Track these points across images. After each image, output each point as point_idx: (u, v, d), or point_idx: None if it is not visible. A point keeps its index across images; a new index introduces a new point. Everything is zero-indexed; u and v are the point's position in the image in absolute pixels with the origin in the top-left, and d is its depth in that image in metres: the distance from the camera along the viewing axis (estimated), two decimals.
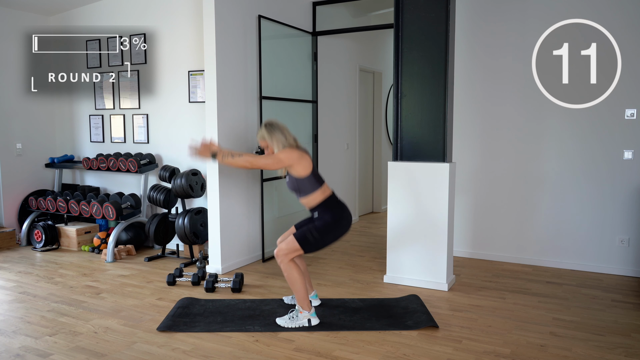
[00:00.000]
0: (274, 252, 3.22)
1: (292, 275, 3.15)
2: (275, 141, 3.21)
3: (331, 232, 3.20)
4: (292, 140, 3.25)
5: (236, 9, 4.41)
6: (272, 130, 3.23)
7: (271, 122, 3.28)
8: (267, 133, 3.23)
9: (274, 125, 3.26)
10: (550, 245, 4.54)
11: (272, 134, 3.22)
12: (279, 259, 3.18)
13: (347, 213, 3.28)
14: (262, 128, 3.27)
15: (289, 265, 3.15)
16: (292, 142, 3.23)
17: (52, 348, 2.93)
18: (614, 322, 3.26)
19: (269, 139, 3.22)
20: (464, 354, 2.81)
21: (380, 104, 7.56)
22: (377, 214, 7.51)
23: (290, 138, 3.25)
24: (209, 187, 4.40)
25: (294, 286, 3.16)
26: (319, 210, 3.21)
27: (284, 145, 3.20)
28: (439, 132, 3.88)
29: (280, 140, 3.21)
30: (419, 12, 3.87)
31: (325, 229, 3.16)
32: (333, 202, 3.24)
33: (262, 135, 3.26)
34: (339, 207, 3.25)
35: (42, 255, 5.14)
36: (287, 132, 3.25)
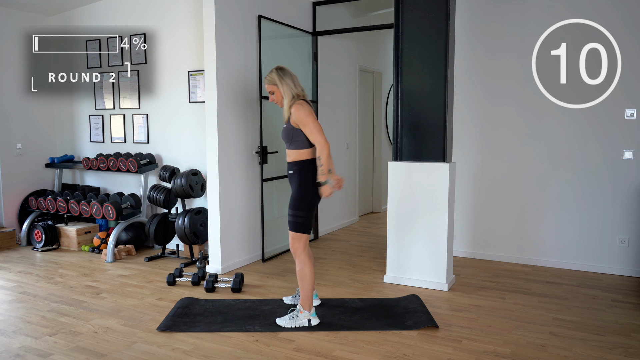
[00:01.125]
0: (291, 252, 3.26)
1: (304, 272, 3.16)
2: (285, 87, 3.16)
3: (308, 201, 3.14)
4: (300, 89, 3.20)
5: (236, 9, 4.41)
6: (283, 75, 3.18)
7: (282, 67, 3.23)
8: (277, 77, 3.18)
9: (286, 70, 3.21)
10: (550, 245, 4.55)
11: (283, 79, 3.17)
12: (294, 255, 3.20)
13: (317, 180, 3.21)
14: (273, 72, 3.21)
15: (304, 261, 3.17)
16: (300, 92, 3.19)
17: (52, 348, 2.93)
18: (614, 322, 3.26)
19: (279, 83, 3.17)
20: (464, 354, 2.81)
21: (380, 104, 7.56)
22: (377, 214, 7.51)
23: (299, 87, 3.20)
24: (209, 187, 4.40)
25: (303, 282, 3.17)
26: (295, 169, 3.16)
27: (292, 93, 3.16)
28: (439, 132, 3.88)
29: (290, 86, 3.16)
30: (419, 12, 3.87)
31: (300, 202, 3.13)
32: (311, 166, 3.16)
33: (271, 78, 3.20)
34: (312, 173, 3.15)
35: (42, 255, 5.14)
36: (296, 80, 3.21)
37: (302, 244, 3.17)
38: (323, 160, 3.08)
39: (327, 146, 3.09)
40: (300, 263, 3.17)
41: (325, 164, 3.09)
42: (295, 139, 3.16)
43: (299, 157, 3.17)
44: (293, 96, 3.16)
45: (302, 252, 3.17)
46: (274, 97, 3.25)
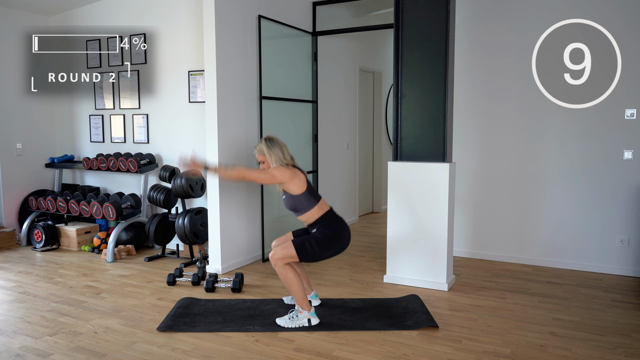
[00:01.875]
0: (269, 255, 3.22)
1: (288, 277, 3.16)
2: (273, 157, 3.24)
3: (330, 247, 3.21)
4: (289, 158, 3.28)
5: (236, 9, 4.41)
6: (271, 145, 3.26)
7: (271, 138, 3.31)
8: (266, 148, 3.25)
9: (274, 141, 3.29)
10: (550, 245, 4.55)
11: (271, 150, 3.24)
12: (273, 262, 3.18)
13: (346, 228, 3.28)
14: (262, 142, 3.29)
15: (284, 268, 3.16)
16: (289, 161, 3.27)
17: (52, 348, 2.93)
18: (614, 322, 3.26)
19: (267, 154, 3.25)
20: (464, 354, 2.81)
21: (380, 104, 7.56)
22: (377, 214, 7.51)
23: (288, 156, 3.28)
24: (209, 187, 4.40)
25: (291, 287, 3.17)
26: (317, 227, 3.24)
27: (281, 163, 3.23)
28: (439, 132, 3.88)
29: (278, 156, 3.24)
30: (419, 12, 3.88)
31: (324, 241, 3.18)
32: (331, 218, 3.26)
33: (260, 149, 3.28)
34: (337, 223, 3.26)
35: (42, 255, 5.14)
36: (285, 150, 3.28)
37: (286, 259, 3.15)
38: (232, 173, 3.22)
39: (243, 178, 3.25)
40: (282, 271, 3.16)
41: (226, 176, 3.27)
42: (299, 206, 3.22)
43: (313, 218, 3.24)
44: (281, 165, 3.23)
45: (280, 262, 3.15)
46: (264, 166, 3.31)
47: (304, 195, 3.20)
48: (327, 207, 3.29)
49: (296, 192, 3.19)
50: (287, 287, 3.19)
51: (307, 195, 3.21)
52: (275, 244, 3.41)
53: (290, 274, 3.15)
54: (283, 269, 3.15)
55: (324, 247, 3.18)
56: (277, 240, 3.44)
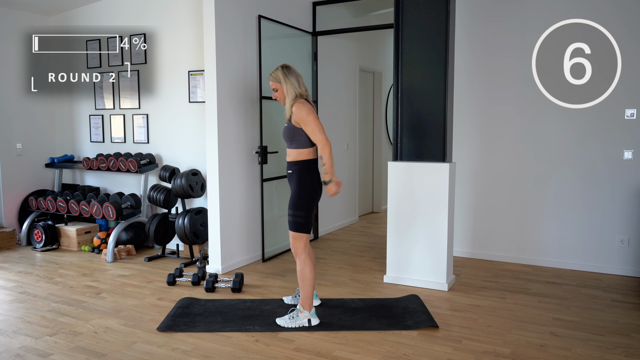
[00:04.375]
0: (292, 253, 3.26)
1: (305, 273, 3.16)
2: (289, 85, 3.16)
3: (307, 200, 3.15)
4: (304, 89, 3.20)
5: (236, 9, 4.41)
6: (288, 73, 3.17)
7: (288, 66, 3.22)
8: (282, 75, 3.17)
9: (291, 69, 3.21)
10: (550, 245, 4.55)
11: (287, 78, 3.16)
12: (295, 255, 3.20)
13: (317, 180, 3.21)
14: (279, 69, 3.20)
15: (305, 261, 3.16)
16: (303, 92, 3.19)
17: (52, 348, 2.93)
18: (614, 322, 3.26)
19: (283, 82, 3.17)
20: (464, 354, 2.81)
21: (380, 104, 7.56)
22: (377, 214, 7.51)
23: (303, 87, 3.20)
24: (209, 187, 4.40)
25: (303, 282, 3.17)
26: (294, 169, 3.17)
27: (295, 92, 3.15)
28: (439, 132, 3.88)
29: (294, 85, 3.16)
30: (419, 12, 3.88)
31: (300, 202, 3.14)
32: (312, 166, 3.18)
33: (276, 76, 3.20)
34: (310, 174, 3.17)
35: (42, 255, 5.14)
36: (301, 80, 3.20)
37: (302, 243, 3.17)
38: (326, 159, 3.09)
39: (329, 145, 3.09)
40: (301, 263, 3.18)
41: (329, 163, 3.09)
42: (296, 138, 3.17)
43: (299, 157, 3.17)
44: (296, 95, 3.16)
45: (302, 252, 3.17)
46: (277, 95, 3.25)
47: (306, 134, 3.14)
48: (315, 156, 3.21)
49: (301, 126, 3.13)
50: (300, 280, 3.18)
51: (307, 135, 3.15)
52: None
53: (308, 269, 3.16)
54: (304, 262, 3.16)
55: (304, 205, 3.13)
56: None
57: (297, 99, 3.15)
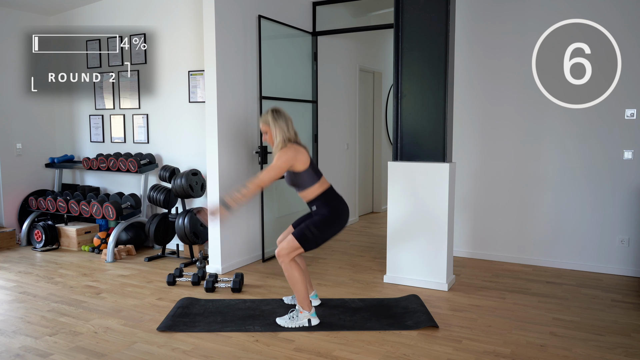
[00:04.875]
0: (275, 252, 3.22)
1: (293, 275, 3.15)
2: (277, 129, 3.19)
3: (329, 227, 3.20)
4: (292, 134, 3.23)
5: (236, 9, 4.41)
6: (277, 117, 3.21)
7: (278, 110, 3.26)
8: (272, 119, 3.21)
9: (281, 113, 3.24)
10: (550, 245, 4.54)
11: (277, 122, 3.20)
12: (280, 259, 3.17)
13: (344, 206, 3.27)
14: (268, 113, 3.24)
15: (290, 265, 3.15)
16: (292, 136, 3.22)
17: (52, 348, 2.93)
18: (614, 322, 3.26)
19: (272, 126, 3.20)
20: (464, 354, 2.81)
21: (380, 104, 7.56)
22: (377, 214, 7.51)
23: (292, 131, 3.24)
24: (209, 187, 4.40)
25: (294, 286, 3.16)
26: (316, 204, 3.21)
27: (284, 137, 3.18)
28: (439, 132, 3.88)
29: (283, 129, 3.19)
30: (419, 12, 3.87)
31: (322, 224, 3.17)
32: (331, 196, 3.24)
33: (266, 119, 3.24)
34: (336, 200, 3.25)
35: (42, 255, 5.14)
36: (290, 124, 3.24)
37: (293, 252, 3.15)
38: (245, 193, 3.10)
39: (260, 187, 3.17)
40: (287, 268, 3.16)
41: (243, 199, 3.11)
42: (300, 182, 3.21)
43: (313, 195, 3.21)
44: (284, 139, 3.19)
45: (286, 258, 3.15)
46: (266, 137, 3.29)
47: (305, 173, 3.17)
48: (327, 184, 3.26)
49: (299, 169, 3.17)
50: (291, 285, 3.18)
51: (309, 172, 3.18)
52: (279, 239, 3.41)
53: (296, 272, 3.15)
54: (289, 265, 3.15)
55: (324, 229, 3.17)
56: (281, 236, 3.44)
57: (285, 142, 3.19)
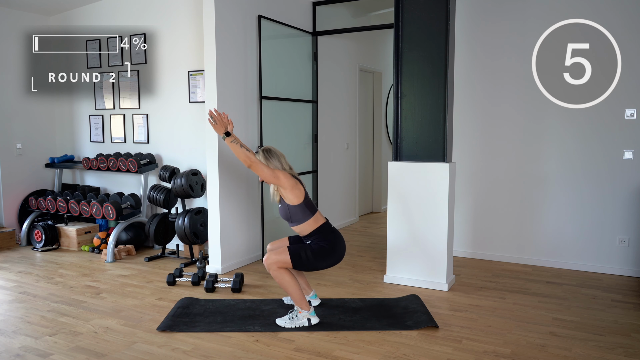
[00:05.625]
0: (263, 259, 3.23)
1: (284, 279, 3.17)
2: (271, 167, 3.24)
3: (325, 258, 3.22)
4: (287, 167, 3.30)
5: (236, 9, 4.41)
6: (269, 156, 3.27)
7: (269, 149, 3.33)
8: (264, 159, 3.26)
9: (272, 152, 3.31)
10: (550, 245, 4.54)
11: (269, 161, 3.26)
12: (267, 266, 3.20)
13: (341, 241, 3.30)
14: (260, 154, 3.30)
15: (279, 271, 3.17)
16: (287, 170, 3.28)
17: (52, 348, 2.93)
18: (614, 322, 3.26)
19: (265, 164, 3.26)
20: (464, 354, 2.81)
21: (380, 104, 7.56)
22: (377, 214, 7.51)
23: (287, 166, 3.31)
24: (209, 187, 4.40)
25: (287, 289, 3.18)
26: (312, 239, 3.25)
27: None
28: (439, 132, 3.88)
29: (277, 167, 3.26)
30: (419, 12, 3.88)
31: (320, 252, 3.20)
32: (327, 230, 3.27)
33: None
34: (332, 235, 3.27)
35: (42, 255, 5.14)
36: (284, 160, 3.31)
37: (280, 264, 3.16)
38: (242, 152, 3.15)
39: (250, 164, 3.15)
40: (277, 274, 3.17)
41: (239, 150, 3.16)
42: (294, 217, 3.24)
43: (308, 230, 3.25)
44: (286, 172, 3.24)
45: (275, 266, 3.16)
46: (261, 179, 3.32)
47: (300, 207, 3.22)
48: (322, 219, 3.29)
49: (293, 203, 3.21)
50: (284, 289, 3.19)
51: (303, 207, 3.23)
52: (270, 247, 3.43)
53: (286, 276, 3.16)
54: (277, 272, 3.17)
55: (319, 258, 3.20)
56: (272, 244, 3.45)
57: None
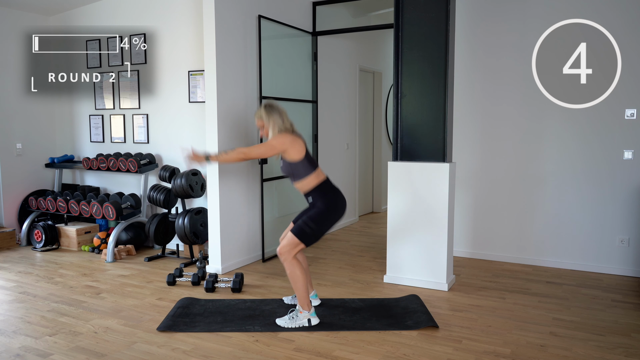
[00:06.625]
0: (277, 250, 3.22)
1: (295, 274, 3.16)
2: (272, 122, 3.22)
3: (326, 220, 3.19)
4: (288, 124, 3.26)
5: (236, 9, 4.41)
6: (271, 111, 3.24)
7: (271, 104, 3.29)
8: (265, 113, 3.24)
9: (274, 107, 3.27)
10: (550, 245, 4.54)
11: (270, 115, 3.22)
12: (282, 257, 3.18)
13: (341, 198, 3.27)
14: (262, 108, 3.27)
15: (293, 263, 3.15)
16: (288, 127, 3.24)
17: (52, 348, 2.93)
18: (614, 322, 3.26)
19: (266, 120, 3.23)
20: (464, 354, 2.81)
21: (380, 104, 7.56)
22: (377, 214, 7.51)
23: (287, 122, 3.26)
24: (209, 187, 4.40)
25: (295, 284, 3.17)
26: (313, 195, 3.21)
27: (280, 128, 3.21)
28: (439, 132, 3.88)
29: (277, 122, 3.21)
30: (419, 12, 3.87)
31: (320, 217, 3.17)
32: (327, 187, 3.24)
33: (260, 114, 3.27)
34: (332, 192, 3.24)
35: (42, 255, 5.14)
36: (285, 116, 3.26)
37: (294, 250, 3.16)
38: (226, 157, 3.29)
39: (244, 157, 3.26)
40: (290, 266, 3.16)
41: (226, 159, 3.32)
42: (294, 171, 3.21)
43: (310, 185, 3.21)
44: (280, 130, 3.22)
45: (289, 256, 3.16)
46: (263, 132, 3.31)
47: (301, 163, 3.18)
48: (323, 175, 3.26)
49: (294, 159, 3.17)
50: (292, 283, 3.18)
51: (305, 162, 3.19)
52: (281, 237, 3.42)
53: (298, 270, 3.15)
54: (291, 264, 3.15)
55: (321, 222, 3.18)
56: (283, 234, 3.43)
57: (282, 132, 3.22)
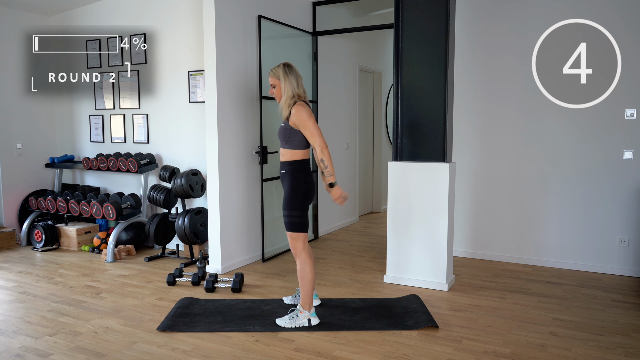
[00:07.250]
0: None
1: (305, 272, 3.17)
2: (287, 84, 3.15)
3: (296, 199, 3.15)
4: (302, 90, 3.20)
5: (236, 9, 4.41)
6: (289, 72, 3.17)
7: (290, 65, 3.21)
8: (283, 73, 3.16)
9: (292, 68, 3.20)
10: (550, 245, 4.55)
11: (287, 77, 3.15)
12: (295, 255, 3.20)
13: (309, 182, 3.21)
14: (280, 67, 3.19)
15: (305, 261, 3.17)
16: (301, 93, 3.18)
17: (52, 348, 2.93)
18: (614, 322, 3.26)
19: (282, 79, 3.16)
20: (464, 354, 2.81)
21: (380, 104, 7.56)
22: (377, 214, 7.51)
23: (301, 89, 3.20)
24: (209, 187, 4.40)
25: (303, 282, 3.17)
26: (287, 169, 3.18)
27: (293, 92, 3.15)
28: (439, 132, 3.88)
29: (292, 85, 3.15)
30: (419, 12, 3.88)
31: (290, 203, 3.15)
32: (302, 167, 3.18)
33: (276, 72, 3.19)
34: (303, 174, 3.18)
35: (42, 255, 5.14)
36: (300, 81, 3.20)
37: (301, 243, 3.18)
38: (327, 161, 3.11)
39: (328, 148, 3.13)
40: (301, 263, 3.18)
41: (331, 165, 3.13)
42: (291, 139, 3.17)
43: (293, 157, 3.18)
44: (293, 95, 3.15)
45: (302, 251, 3.18)
46: (274, 91, 3.24)
47: (302, 135, 3.13)
48: (307, 156, 3.23)
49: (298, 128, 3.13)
50: (301, 280, 3.19)
51: (304, 136, 3.14)
52: None
53: (308, 268, 3.17)
54: (303, 261, 3.17)
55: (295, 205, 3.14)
56: None
57: (294, 99, 3.15)
